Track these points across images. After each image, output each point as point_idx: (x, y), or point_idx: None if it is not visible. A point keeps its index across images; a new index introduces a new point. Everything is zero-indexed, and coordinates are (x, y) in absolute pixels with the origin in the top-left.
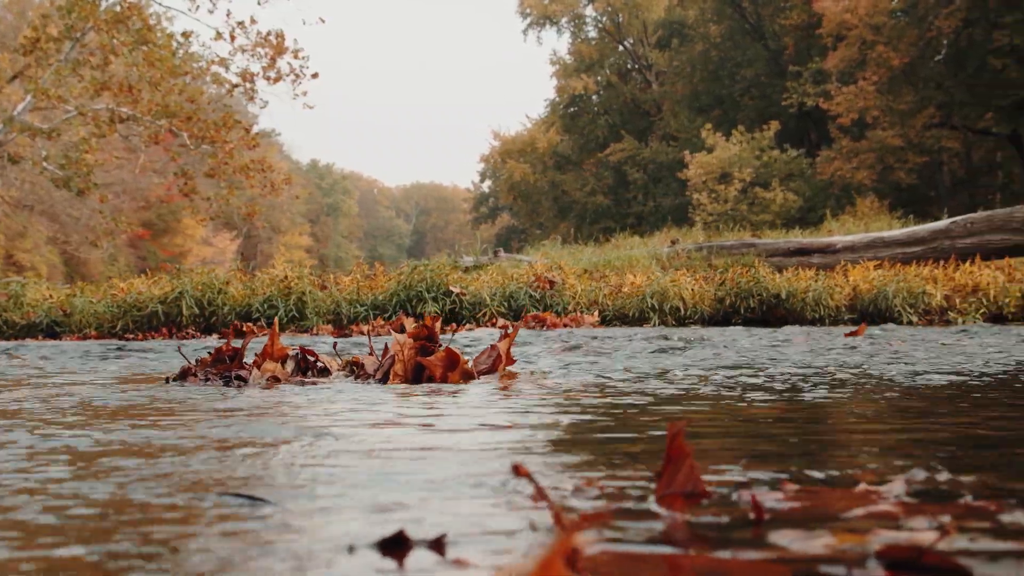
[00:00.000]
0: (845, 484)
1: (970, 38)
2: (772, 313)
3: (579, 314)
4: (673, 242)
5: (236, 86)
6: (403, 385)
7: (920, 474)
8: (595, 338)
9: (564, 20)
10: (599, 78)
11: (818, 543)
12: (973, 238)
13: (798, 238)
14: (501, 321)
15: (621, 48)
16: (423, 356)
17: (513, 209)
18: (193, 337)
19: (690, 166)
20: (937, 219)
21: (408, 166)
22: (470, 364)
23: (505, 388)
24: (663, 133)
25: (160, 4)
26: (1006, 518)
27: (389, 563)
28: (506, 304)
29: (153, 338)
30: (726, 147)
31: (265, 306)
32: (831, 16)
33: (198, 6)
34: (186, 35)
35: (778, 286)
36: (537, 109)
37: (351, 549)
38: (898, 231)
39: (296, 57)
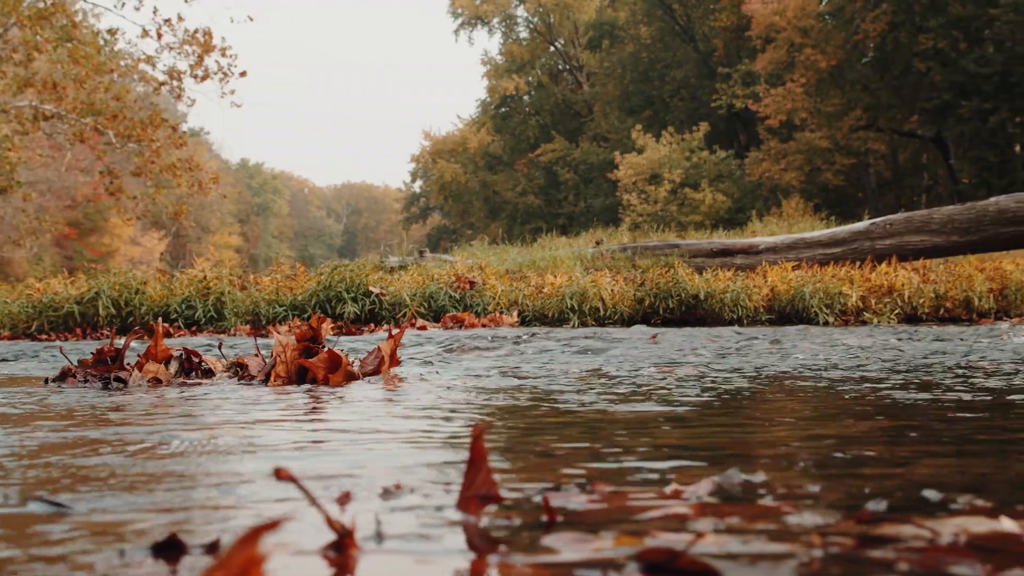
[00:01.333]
0: (660, 484)
1: (896, 41)
2: (691, 314)
3: (498, 315)
4: (597, 243)
5: (163, 84)
6: (283, 387)
7: (736, 476)
8: (505, 338)
9: (495, 20)
10: (530, 79)
11: (591, 547)
12: (892, 239)
13: (721, 239)
14: (420, 321)
15: (552, 49)
16: (306, 358)
17: (444, 209)
18: (107, 338)
19: (620, 167)
20: (863, 220)
21: (339, 166)
22: (356, 365)
23: (390, 389)
24: (594, 134)
25: (86, 1)
26: (793, 520)
27: (157, 567)
28: (426, 304)
29: (67, 339)
30: (656, 148)
31: (183, 307)
32: (760, 19)
33: (124, 3)
34: (112, 32)
35: (697, 287)
36: (468, 109)
37: (122, 553)
38: (819, 232)
39: (224, 55)
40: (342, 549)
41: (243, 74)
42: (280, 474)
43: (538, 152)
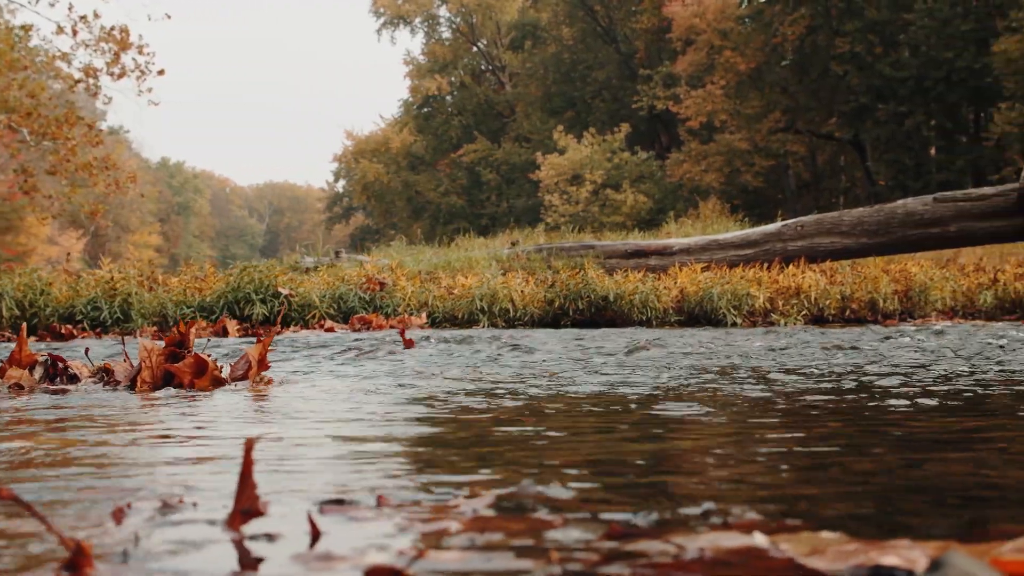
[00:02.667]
0: (455, 497)
1: (814, 45)
2: (601, 315)
3: (407, 316)
4: (513, 243)
5: (79, 82)
6: (149, 392)
7: (530, 488)
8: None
9: (418, 20)
10: (453, 79)
11: (325, 564)
12: (804, 241)
13: (637, 240)
14: (328, 323)
15: (475, 49)
16: (173, 362)
17: (367, 209)
18: (9, 340)
19: (542, 167)
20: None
21: (262, 165)
22: (226, 370)
23: (252, 394)
24: (516, 134)
25: None
26: (555, 535)
27: None
28: (336, 306)
29: None
30: (578, 149)
31: (89, 307)
32: (680, 21)
33: None
34: (26, 28)
35: (607, 288)
36: (391, 109)
37: None
38: (732, 234)
39: (141, 53)
40: (76, 568)
41: (161, 72)
42: (2, 494)
43: (461, 152)
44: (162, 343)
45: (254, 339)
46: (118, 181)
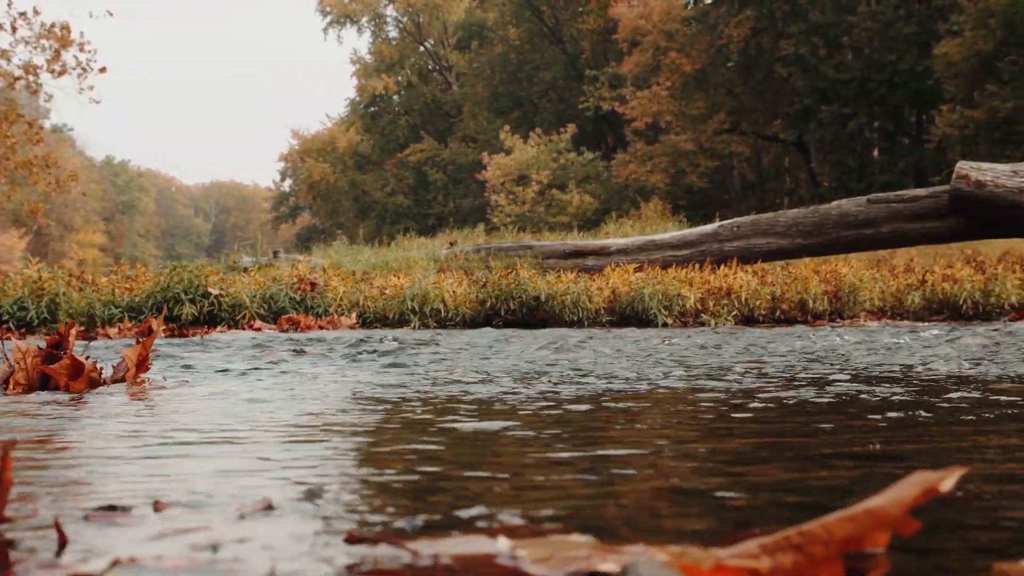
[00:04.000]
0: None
1: (758, 47)
2: (533, 315)
3: (336, 316)
4: (452, 244)
5: (18, 79)
6: (22, 394)
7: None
8: (322, 341)
9: (364, 19)
10: (400, 78)
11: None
12: (740, 241)
13: (575, 241)
14: (257, 323)
15: (422, 49)
16: (49, 364)
17: (313, 209)
18: None
19: (488, 168)
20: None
21: (208, 165)
22: (108, 372)
23: (128, 396)
24: (463, 134)
25: None
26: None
27: None
28: (266, 306)
29: None
30: (524, 149)
31: (15, 308)
32: (626, 22)
33: None
34: None
35: (538, 288)
36: (338, 108)
37: None
38: (669, 234)
39: (82, 50)
40: None
41: (102, 70)
42: None
43: (407, 152)
44: (43, 344)
45: (180, 339)
46: (59, 179)
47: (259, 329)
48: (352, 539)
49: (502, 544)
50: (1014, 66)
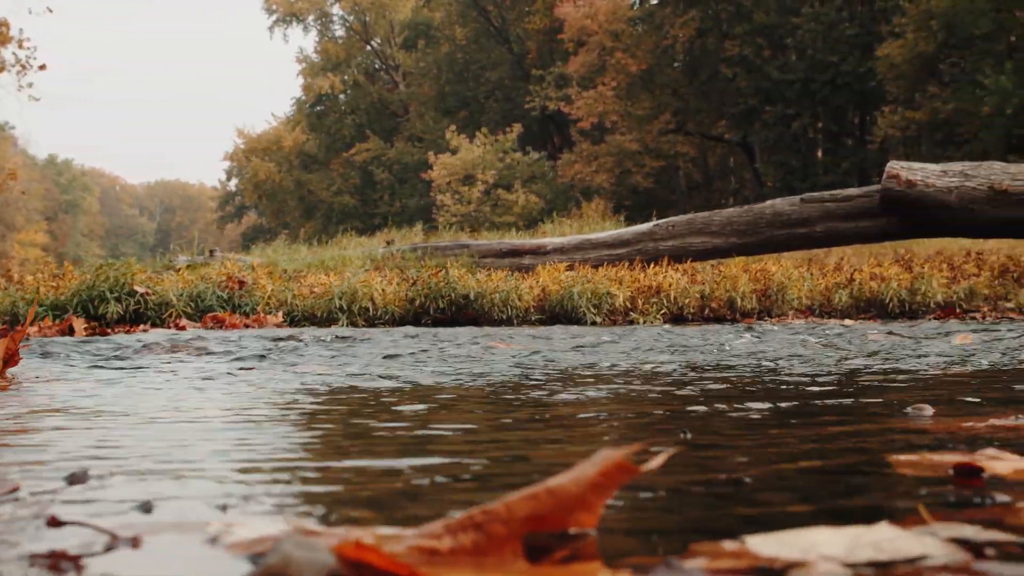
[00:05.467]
0: None
1: (703, 47)
2: (462, 314)
3: (262, 315)
4: (388, 242)
5: None
6: None
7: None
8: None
9: (311, 18)
10: (346, 77)
11: None
12: (675, 240)
13: (511, 239)
14: (183, 321)
15: (369, 48)
16: None
17: (259, 208)
18: None
19: (434, 167)
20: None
21: (153, 164)
22: None
23: None
24: (409, 134)
25: None
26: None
27: None
28: (193, 304)
29: None
30: (470, 149)
31: None
32: (572, 22)
33: None
34: None
35: (468, 287)
36: (283, 107)
37: None
38: (605, 233)
39: (21, 47)
40: None
41: (42, 67)
42: None
43: (353, 151)
44: None
45: (101, 337)
46: None
47: (183, 327)
48: (53, 522)
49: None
50: (955, 68)
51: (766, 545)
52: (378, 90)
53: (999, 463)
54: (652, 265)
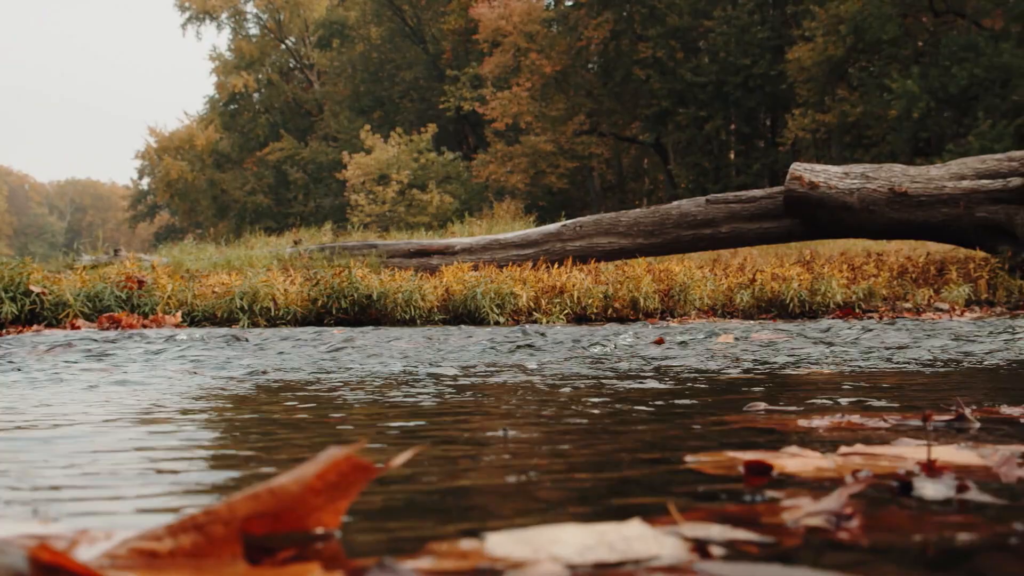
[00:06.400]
0: None
1: (617, 49)
2: (365, 314)
3: (161, 315)
4: (296, 242)
5: None
6: None
7: None
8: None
9: (224, 16)
10: (260, 76)
11: None
12: (582, 241)
13: (420, 240)
14: (79, 321)
15: (283, 46)
16: None
17: (171, 208)
18: None
19: (348, 167)
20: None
21: (63, 162)
22: None
23: None
24: (324, 133)
25: None
26: None
27: None
28: (91, 304)
29: None
30: (384, 149)
31: None
32: (487, 23)
33: None
34: None
35: (370, 287)
36: (196, 106)
37: None
38: (513, 233)
39: None
40: None
41: None
42: None
43: (267, 151)
44: None
45: None
46: None
47: (79, 327)
48: None
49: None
50: (863, 72)
51: (503, 544)
52: (292, 89)
53: (793, 461)
54: (556, 266)
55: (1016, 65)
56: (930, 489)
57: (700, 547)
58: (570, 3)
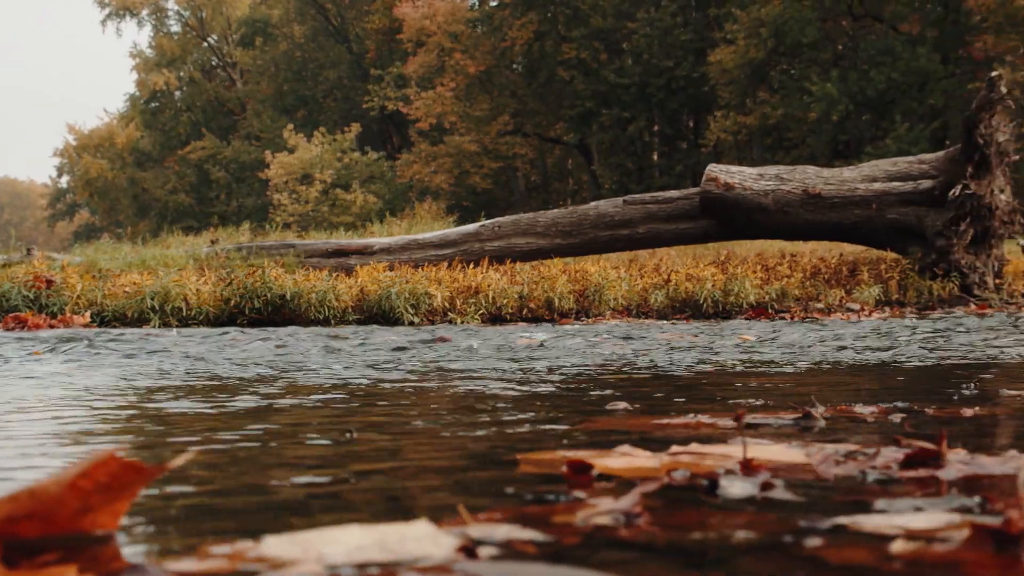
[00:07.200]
0: None
1: (541, 50)
2: (279, 314)
3: (70, 315)
4: (213, 242)
5: None
6: None
7: None
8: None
9: (145, 12)
10: (182, 74)
11: None
12: (501, 241)
13: (338, 239)
14: None
15: (205, 44)
16: None
17: (91, 206)
18: None
19: (272, 166)
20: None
21: None
22: None
23: None
24: (247, 132)
25: None
26: None
27: None
28: None
29: None
30: (308, 148)
31: None
32: (411, 22)
33: None
34: None
35: (284, 287)
36: (116, 104)
37: None
38: (432, 234)
39: None
40: None
41: None
42: None
43: (188, 149)
44: None
45: None
46: None
47: None
48: None
49: None
50: (784, 75)
51: (278, 546)
52: (215, 87)
53: (619, 460)
54: (472, 266)
55: (932, 69)
56: (736, 488)
57: (467, 548)
58: (494, 3)
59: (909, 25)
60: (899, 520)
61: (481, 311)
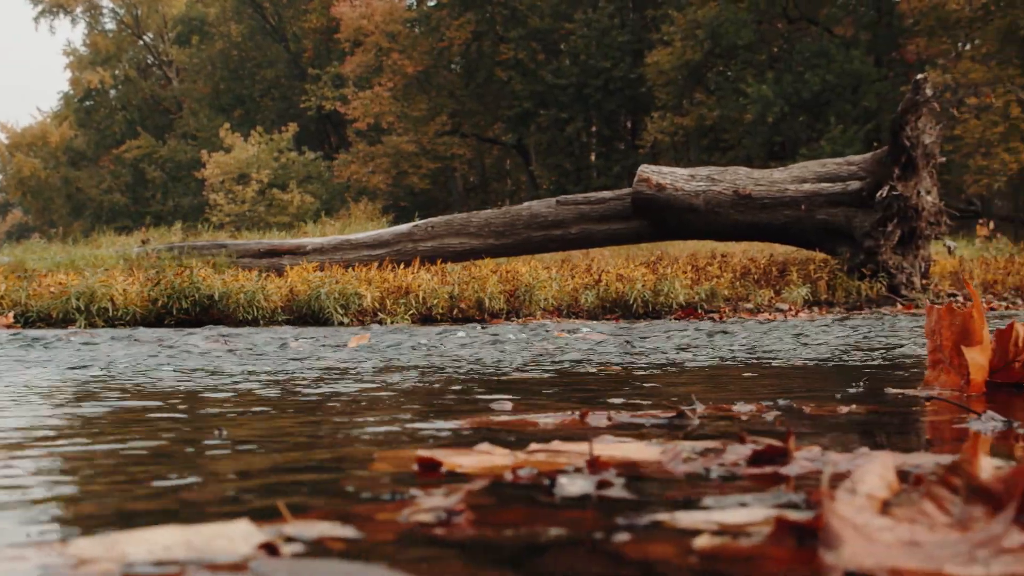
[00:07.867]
0: None
1: (479, 50)
2: (207, 314)
3: None
4: (144, 242)
5: None
6: None
7: None
8: None
9: (79, 9)
10: (117, 72)
11: None
12: (434, 241)
13: (270, 239)
14: None
15: (141, 42)
16: None
17: (24, 206)
18: None
19: (208, 166)
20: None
21: None
22: None
23: None
24: (183, 131)
25: None
26: None
27: None
28: None
29: None
30: (244, 147)
31: None
32: (348, 22)
33: None
34: None
35: (212, 287)
36: (50, 102)
37: None
38: (365, 234)
39: None
40: None
41: None
42: None
43: (123, 148)
44: None
45: None
46: None
47: None
48: None
49: None
50: (720, 76)
51: (87, 547)
52: (150, 86)
53: (472, 458)
54: (403, 266)
55: (866, 72)
56: (574, 486)
57: (268, 545)
58: (432, 3)
59: (843, 28)
60: (718, 516)
61: (411, 311)
